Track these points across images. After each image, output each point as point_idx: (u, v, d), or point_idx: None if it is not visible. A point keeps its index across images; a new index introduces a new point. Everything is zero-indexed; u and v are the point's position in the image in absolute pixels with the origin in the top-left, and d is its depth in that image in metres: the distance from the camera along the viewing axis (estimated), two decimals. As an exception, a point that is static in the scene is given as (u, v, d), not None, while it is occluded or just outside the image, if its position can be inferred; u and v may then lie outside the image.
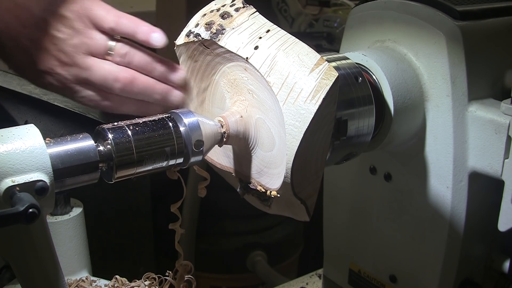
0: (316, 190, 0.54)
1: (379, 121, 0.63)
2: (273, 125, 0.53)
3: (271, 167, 0.54)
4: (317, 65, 0.50)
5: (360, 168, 0.74)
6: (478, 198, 0.66)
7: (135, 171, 0.50)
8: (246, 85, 0.55)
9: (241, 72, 0.55)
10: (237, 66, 0.56)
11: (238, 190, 0.59)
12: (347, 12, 1.18)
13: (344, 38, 0.74)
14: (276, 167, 0.53)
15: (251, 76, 0.54)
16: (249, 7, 0.56)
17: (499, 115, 0.60)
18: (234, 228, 1.51)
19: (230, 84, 0.57)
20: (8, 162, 0.42)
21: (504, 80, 0.66)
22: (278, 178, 0.53)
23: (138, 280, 0.72)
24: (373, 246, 0.76)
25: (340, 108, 0.58)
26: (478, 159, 0.63)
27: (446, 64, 0.62)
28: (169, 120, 0.51)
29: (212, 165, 0.61)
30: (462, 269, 0.69)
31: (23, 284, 0.48)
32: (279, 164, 0.52)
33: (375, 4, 0.69)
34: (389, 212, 0.72)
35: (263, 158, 0.55)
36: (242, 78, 0.56)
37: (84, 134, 0.48)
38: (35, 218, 0.40)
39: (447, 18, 0.62)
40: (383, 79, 0.63)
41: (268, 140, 0.54)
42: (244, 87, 0.56)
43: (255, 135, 0.55)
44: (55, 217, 0.74)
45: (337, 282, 0.84)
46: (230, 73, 0.57)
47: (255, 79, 0.54)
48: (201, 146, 0.52)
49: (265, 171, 0.55)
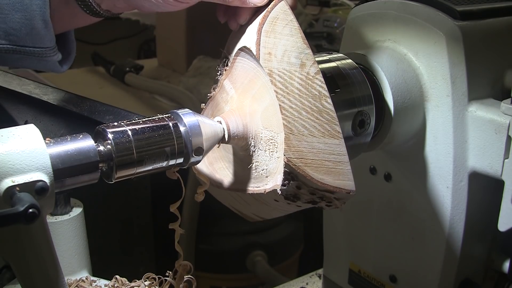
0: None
1: (379, 121, 0.63)
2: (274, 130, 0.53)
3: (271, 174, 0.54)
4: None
5: (360, 168, 0.74)
6: (478, 198, 0.66)
7: (135, 171, 0.50)
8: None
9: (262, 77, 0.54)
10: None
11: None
12: (347, 12, 1.18)
13: (344, 38, 0.74)
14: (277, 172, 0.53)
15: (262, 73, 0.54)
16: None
17: (499, 115, 0.60)
18: (234, 228, 1.51)
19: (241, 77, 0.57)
20: (8, 162, 0.42)
21: (504, 80, 0.66)
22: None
23: (138, 280, 0.72)
24: (373, 246, 0.76)
25: (340, 108, 0.58)
26: (478, 159, 0.63)
27: (446, 64, 0.62)
28: (169, 120, 0.51)
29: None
30: (462, 269, 0.69)
31: (23, 284, 0.48)
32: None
33: (375, 4, 0.69)
34: (389, 212, 0.72)
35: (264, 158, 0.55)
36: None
37: (84, 134, 0.48)
38: (35, 218, 0.40)
39: (447, 18, 0.62)
40: (383, 79, 0.63)
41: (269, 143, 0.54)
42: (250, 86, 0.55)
43: (255, 134, 0.55)
44: (55, 217, 0.74)
45: (337, 282, 0.84)
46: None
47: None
48: (201, 142, 0.52)
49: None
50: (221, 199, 0.64)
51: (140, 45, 2.50)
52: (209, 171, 0.62)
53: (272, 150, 0.54)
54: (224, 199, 0.63)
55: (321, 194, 0.51)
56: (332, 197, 0.52)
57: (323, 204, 0.53)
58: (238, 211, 0.64)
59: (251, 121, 0.55)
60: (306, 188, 0.51)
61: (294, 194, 0.52)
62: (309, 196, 0.52)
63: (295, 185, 0.51)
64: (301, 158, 0.50)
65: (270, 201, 0.56)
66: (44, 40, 0.65)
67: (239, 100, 0.57)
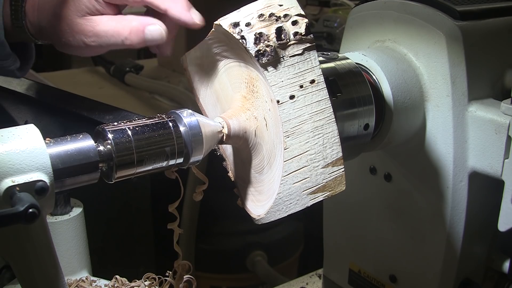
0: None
1: (379, 121, 0.63)
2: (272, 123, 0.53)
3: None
4: (333, 164, 0.48)
5: (360, 168, 0.74)
6: (478, 198, 0.66)
7: (135, 171, 0.50)
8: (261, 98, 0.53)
9: (262, 85, 0.52)
10: (260, 79, 0.52)
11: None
12: (347, 12, 1.18)
13: (344, 38, 0.74)
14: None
15: (266, 87, 0.51)
16: (308, 37, 0.50)
17: (499, 115, 0.60)
18: (234, 228, 1.51)
19: (239, 79, 0.56)
20: (8, 162, 0.42)
21: (504, 80, 0.66)
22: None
23: (138, 280, 0.72)
24: (373, 246, 0.76)
25: (340, 108, 0.58)
26: (478, 159, 0.63)
27: (446, 64, 0.62)
28: (169, 120, 0.51)
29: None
30: (462, 269, 0.69)
31: (23, 284, 0.48)
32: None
33: (375, 4, 0.69)
34: (389, 212, 0.72)
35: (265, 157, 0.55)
36: (253, 77, 0.53)
37: (84, 134, 0.48)
38: (35, 218, 0.40)
39: (447, 18, 0.62)
40: (383, 79, 0.63)
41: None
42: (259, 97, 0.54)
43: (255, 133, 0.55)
44: (55, 217, 0.74)
45: (337, 282, 0.84)
46: (238, 69, 0.55)
47: (268, 91, 0.51)
48: (201, 142, 0.52)
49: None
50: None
51: (140, 45, 2.50)
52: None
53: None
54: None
55: None
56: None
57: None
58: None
59: (251, 121, 0.55)
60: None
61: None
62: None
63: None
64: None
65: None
66: (0, 56, 0.75)
67: (239, 100, 0.57)
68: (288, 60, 0.49)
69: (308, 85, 0.49)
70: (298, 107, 0.49)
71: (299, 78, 0.49)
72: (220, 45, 0.55)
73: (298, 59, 0.49)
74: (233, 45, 0.53)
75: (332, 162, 0.49)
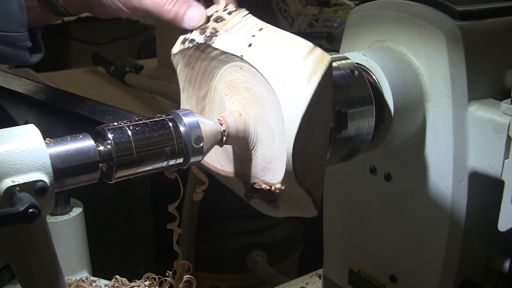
0: (321, 181, 0.53)
1: (379, 121, 0.63)
2: (272, 119, 0.53)
3: (274, 162, 0.54)
4: (309, 52, 0.50)
5: (360, 168, 0.74)
6: (478, 198, 0.66)
7: (135, 171, 0.50)
8: (243, 84, 0.55)
9: (237, 72, 0.56)
10: (233, 67, 0.56)
11: (244, 195, 0.59)
12: (347, 12, 1.18)
13: (344, 38, 0.74)
14: (278, 161, 0.53)
15: (247, 74, 0.55)
16: (241, 10, 0.57)
17: (499, 115, 0.60)
18: (234, 228, 1.51)
19: (227, 86, 0.57)
20: (8, 162, 0.42)
21: (504, 80, 0.66)
22: (281, 171, 0.52)
23: (138, 280, 0.72)
24: (373, 246, 0.76)
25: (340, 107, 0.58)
26: (478, 159, 0.63)
27: (446, 64, 0.62)
28: (169, 120, 0.52)
29: (217, 173, 0.61)
30: (462, 269, 0.69)
31: (23, 284, 0.48)
32: (281, 157, 0.52)
33: (375, 4, 0.69)
34: (389, 212, 0.72)
35: (265, 155, 0.55)
36: (238, 77, 0.56)
37: (84, 134, 0.48)
38: (35, 218, 0.40)
39: (447, 18, 0.62)
40: (383, 79, 0.63)
41: (268, 135, 0.54)
42: (241, 86, 0.56)
43: (255, 132, 0.55)
44: (55, 217, 0.74)
45: (337, 282, 0.84)
46: (227, 75, 0.57)
47: (251, 76, 0.54)
48: (201, 142, 0.52)
49: (268, 167, 0.55)
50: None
51: (140, 45, 2.50)
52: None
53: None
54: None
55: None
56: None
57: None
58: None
59: (251, 121, 0.55)
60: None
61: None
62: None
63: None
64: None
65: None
66: (18, 25, 0.71)
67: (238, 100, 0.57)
68: (232, 29, 0.55)
69: (258, 32, 0.53)
70: (258, 48, 0.52)
71: (249, 32, 0.54)
72: (196, 63, 0.59)
73: (241, 24, 0.55)
74: (201, 58, 0.58)
75: (308, 52, 0.51)
